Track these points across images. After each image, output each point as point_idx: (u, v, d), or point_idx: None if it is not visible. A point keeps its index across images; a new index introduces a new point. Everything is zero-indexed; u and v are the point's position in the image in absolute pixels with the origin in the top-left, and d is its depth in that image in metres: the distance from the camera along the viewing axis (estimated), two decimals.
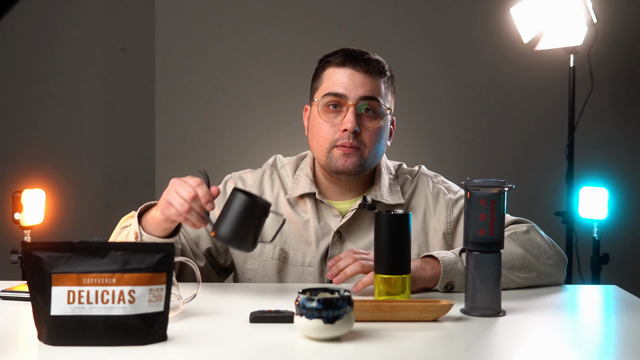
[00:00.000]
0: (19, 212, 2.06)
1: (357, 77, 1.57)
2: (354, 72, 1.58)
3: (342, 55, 1.60)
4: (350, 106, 1.56)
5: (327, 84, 1.60)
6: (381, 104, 1.59)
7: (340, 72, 1.58)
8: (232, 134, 3.38)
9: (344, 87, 1.57)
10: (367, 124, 1.58)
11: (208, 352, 1.08)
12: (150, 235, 1.45)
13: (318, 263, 1.61)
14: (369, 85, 1.58)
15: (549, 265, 1.52)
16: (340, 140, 1.56)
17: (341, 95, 1.57)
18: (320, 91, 1.61)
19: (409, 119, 3.35)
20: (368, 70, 1.58)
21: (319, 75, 1.64)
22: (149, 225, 1.46)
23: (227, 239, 1.32)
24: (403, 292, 1.32)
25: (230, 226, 1.32)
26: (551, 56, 3.11)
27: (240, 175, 1.72)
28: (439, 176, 1.73)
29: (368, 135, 1.57)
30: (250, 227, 1.33)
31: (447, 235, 1.64)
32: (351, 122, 1.54)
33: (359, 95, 1.56)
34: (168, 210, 1.36)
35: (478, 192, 1.27)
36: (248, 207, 1.33)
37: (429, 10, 3.39)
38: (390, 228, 1.32)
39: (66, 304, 1.08)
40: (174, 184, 1.37)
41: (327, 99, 1.58)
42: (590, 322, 1.36)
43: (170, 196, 1.36)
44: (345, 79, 1.57)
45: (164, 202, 1.37)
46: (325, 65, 1.62)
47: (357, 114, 1.56)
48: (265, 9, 3.41)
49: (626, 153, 3.35)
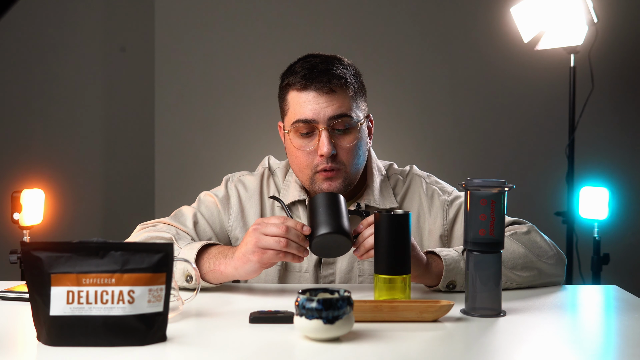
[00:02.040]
0: (18, 212, 2.05)
1: (322, 99, 1.50)
2: (317, 94, 1.50)
3: (302, 78, 1.51)
4: (322, 130, 1.51)
5: (293, 110, 1.53)
6: (352, 117, 1.53)
7: (304, 95, 1.51)
8: (232, 134, 3.38)
9: (311, 111, 1.50)
10: (342, 143, 1.52)
11: (207, 352, 1.08)
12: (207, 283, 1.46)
13: (313, 269, 1.60)
14: (335, 103, 1.51)
15: (549, 264, 1.52)
16: (320, 166, 1.52)
17: (310, 121, 1.51)
18: (288, 117, 1.55)
19: (409, 119, 3.36)
20: (331, 89, 1.50)
21: (283, 98, 1.57)
22: (208, 277, 1.44)
23: (329, 231, 1.34)
24: (403, 292, 1.31)
25: (329, 224, 1.35)
26: (551, 56, 3.10)
27: (239, 178, 1.70)
28: (431, 176, 1.72)
29: (345, 154, 1.53)
30: (340, 216, 1.37)
31: (444, 237, 1.63)
32: (326, 146, 1.50)
33: (327, 116, 1.50)
34: (264, 256, 1.34)
35: (478, 192, 1.27)
36: (331, 198, 1.38)
37: (429, 10, 3.39)
38: (390, 228, 1.31)
39: (65, 304, 1.08)
40: (255, 230, 1.35)
41: (297, 125, 1.53)
42: (591, 322, 1.36)
43: (262, 242, 1.34)
44: (311, 103, 1.51)
45: (256, 251, 1.34)
46: (287, 88, 1.55)
47: (330, 135, 1.51)
48: (265, 9, 3.41)
49: (627, 153, 3.35)
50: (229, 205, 1.65)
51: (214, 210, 1.64)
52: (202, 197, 1.68)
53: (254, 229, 1.36)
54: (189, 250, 1.45)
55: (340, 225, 1.36)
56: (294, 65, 1.57)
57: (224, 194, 1.67)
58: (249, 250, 1.36)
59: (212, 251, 1.45)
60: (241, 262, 1.37)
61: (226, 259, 1.41)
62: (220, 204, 1.65)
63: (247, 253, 1.36)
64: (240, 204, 1.66)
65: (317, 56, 1.57)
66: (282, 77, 1.59)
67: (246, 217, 1.65)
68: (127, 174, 3.48)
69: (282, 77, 1.59)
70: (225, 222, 1.64)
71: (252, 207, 1.65)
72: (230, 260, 1.40)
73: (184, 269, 1.45)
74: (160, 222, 1.60)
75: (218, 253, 1.43)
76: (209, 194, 1.67)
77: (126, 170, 3.48)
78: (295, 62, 1.58)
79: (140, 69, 3.44)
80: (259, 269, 1.38)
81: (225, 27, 3.41)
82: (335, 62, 1.55)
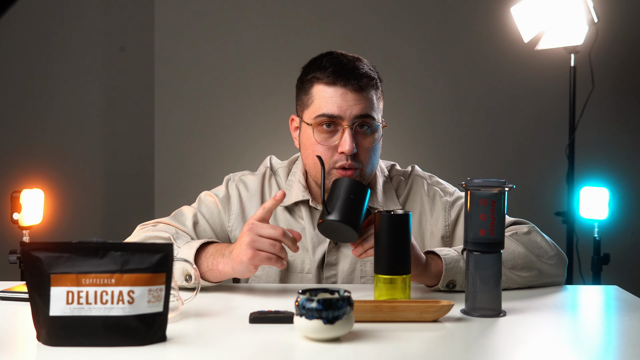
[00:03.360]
0: (17, 212, 2.05)
1: (349, 96, 1.51)
2: (346, 91, 1.51)
3: (332, 73, 1.52)
4: (346, 127, 1.51)
5: (318, 103, 1.53)
6: (376, 119, 1.54)
7: (332, 91, 1.51)
8: (231, 133, 3.38)
9: (338, 107, 1.50)
10: (363, 143, 1.53)
11: (207, 352, 1.08)
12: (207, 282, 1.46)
13: (315, 270, 1.60)
14: (362, 103, 1.51)
15: (550, 265, 1.52)
16: (339, 162, 1.52)
17: (335, 117, 1.51)
18: (311, 110, 1.54)
19: (409, 119, 3.35)
20: (360, 87, 1.51)
21: (307, 91, 1.56)
22: (207, 275, 1.44)
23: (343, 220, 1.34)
24: (403, 292, 1.31)
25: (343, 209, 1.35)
26: (552, 56, 3.10)
27: (240, 177, 1.70)
28: (433, 177, 1.71)
29: (364, 153, 1.53)
30: (360, 210, 1.36)
31: (446, 238, 1.63)
32: (349, 144, 1.50)
33: (353, 115, 1.51)
34: (256, 257, 1.34)
35: (478, 192, 1.26)
36: (358, 189, 1.37)
37: (429, 10, 3.38)
38: (390, 228, 1.31)
39: (65, 305, 1.08)
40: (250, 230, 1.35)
41: (321, 119, 1.52)
42: (591, 322, 1.36)
43: (257, 243, 1.34)
44: (338, 99, 1.51)
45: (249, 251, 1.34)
46: (313, 81, 1.55)
47: (352, 133, 1.51)
48: (265, 9, 3.40)
49: (627, 153, 3.34)
50: (230, 205, 1.65)
51: (214, 210, 1.64)
52: (203, 197, 1.67)
53: (249, 228, 1.35)
54: (187, 249, 1.44)
55: (357, 220, 1.36)
56: (320, 60, 1.57)
57: (224, 193, 1.66)
58: (242, 251, 1.35)
59: (210, 250, 1.44)
60: (236, 262, 1.37)
61: (223, 257, 1.41)
62: (221, 203, 1.65)
63: (240, 253, 1.36)
64: (241, 204, 1.65)
65: (342, 54, 1.58)
66: (306, 70, 1.58)
67: (247, 217, 1.64)
68: (126, 174, 3.48)
69: (305, 70, 1.59)
70: (225, 222, 1.64)
71: (253, 207, 1.65)
72: (227, 259, 1.40)
73: (183, 268, 1.45)
74: (160, 222, 1.60)
75: (215, 252, 1.43)
76: (209, 194, 1.67)
77: (126, 170, 3.48)
78: (320, 57, 1.58)
79: (140, 69, 3.44)
80: (252, 270, 1.38)
81: (225, 27, 3.40)
82: (362, 62, 1.57)
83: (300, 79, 1.60)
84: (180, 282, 1.45)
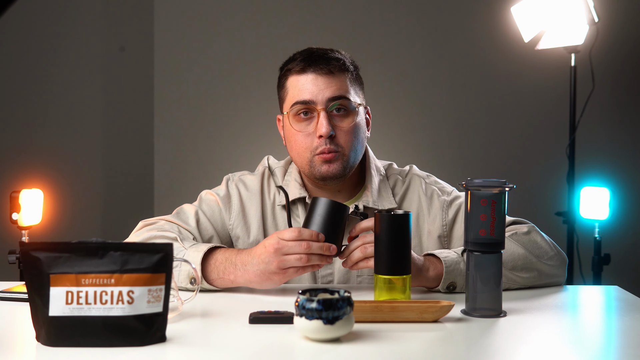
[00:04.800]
0: (16, 212, 2.05)
1: (320, 80, 1.54)
2: (316, 75, 1.54)
3: (301, 61, 1.56)
4: (321, 110, 1.53)
5: (292, 93, 1.56)
6: (351, 100, 1.56)
7: (303, 78, 1.55)
8: (231, 133, 3.38)
9: (310, 92, 1.54)
10: (340, 125, 1.55)
11: (207, 353, 1.08)
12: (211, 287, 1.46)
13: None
14: (334, 85, 1.54)
15: (550, 265, 1.51)
16: (319, 148, 1.53)
17: (309, 102, 1.54)
18: (287, 101, 1.58)
19: (409, 119, 3.35)
20: (330, 71, 1.54)
21: (283, 85, 1.61)
22: (216, 283, 1.45)
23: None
24: (403, 292, 1.31)
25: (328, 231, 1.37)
26: (552, 55, 3.10)
27: (240, 177, 1.70)
28: (431, 176, 1.71)
29: (344, 136, 1.55)
30: (340, 231, 1.39)
31: (443, 238, 1.63)
32: (325, 127, 1.52)
33: (326, 98, 1.53)
34: (287, 274, 1.36)
35: (479, 192, 1.26)
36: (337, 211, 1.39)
37: (429, 10, 3.38)
38: (390, 228, 1.31)
39: (64, 305, 1.07)
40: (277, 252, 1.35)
41: (296, 107, 1.55)
42: (592, 322, 1.36)
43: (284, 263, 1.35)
44: (309, 84, 1.54)
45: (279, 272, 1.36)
46: (286, 74, 1.59)
47: (328, 117, 1.53)
48: (264, 9, 3.40)
49: (627, 153, 3.34)
50: (230, 204, 1.65)
51: (216, 209, 1.64)
52: (204, 196, 1.68)
53: (275, 249, 1.35)
54: (194, 253, 1.44)
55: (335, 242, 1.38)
56: (293, 55, 1.62)
57: (225, 192, 1.67)
58: (271, 271, 1.36)
59: (218, 257, 1.44)
60: (260, 278, 1.38)
61: (236, 269, 1.41)
62: (222, 202, 1.65)
63: (269, 273, 1.37)
64: (241, 203, 1.65)
65: (315, 48, 1.62)
66: (281, 68, 1.63)
67: (247, 217, 1.64)
68: (126, 174, 3.48)
69: (281, 68, 1.63)
70: (226, 220, 1.64)
71: (253, 207, 1.65)
72: (242, 273, 1.40)
73: (189, 271, 1.44)
74: (163, 220, 1.60)
75: (225, 260, 1.43)
76: (210, 193, 1.68)
77: (125, 170, 3.48)
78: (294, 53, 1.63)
79: (140, 69, 3.44)
80: (279, 284, 1.41)
81: (225, 27, 3.40)
82: (333, 50, 1.61)
83: (278, 78, 1.64)
84: (185, 284, 1.45)
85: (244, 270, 1.39)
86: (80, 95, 3.45)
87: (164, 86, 3.41)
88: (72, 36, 3.42)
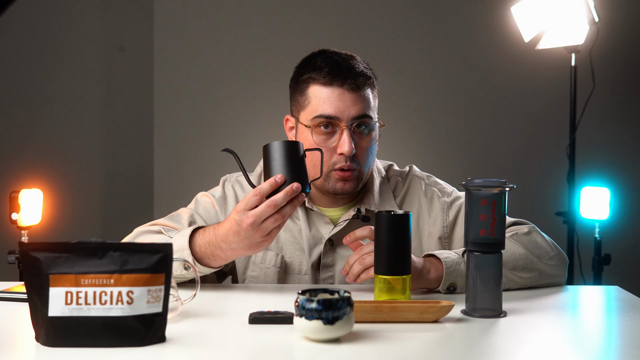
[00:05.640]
0: (16, 212, 2.05)
1: (347, 96, 1.50)
2: (343, 91, 1.50)
3: (328, 73, 1.51)
4: (345, 128, 1.50)
5: (315, 104, 1.52)
6: (372, 118, 1.54)
7: (328, 91, 1.51)
8: (231, 133, 3.37)
9: (335, 108, 1.50)
10: (361, 143, 1.53)
11: (207, 353, 1.08)
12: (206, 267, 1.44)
13: (311, 271, 1.59)
14: (360, 103, 1.51)
15: (550, 265, 1.51)
16: (338, 164, 1.52)
17: (333, 118, 1.51)
18: (308, 111, 1.54)
19: (409, 119, 3.35)
20: (357, 87, 1.51)
21: (302, 92, 1.55)
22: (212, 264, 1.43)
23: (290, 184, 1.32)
24: (403, 293, 1.31)
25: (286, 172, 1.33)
26: (552, 55, 3.10)
27: (237, 178, 1.69)
28: (431, 177, 1.71)
29: (362, 153, 1.53)
30: (301, 166, 1.34)
31: (444, 239, 1.62)
32: (348, 145, 1.49)
33: (351, 116, 1.50)
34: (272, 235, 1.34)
35: (479, 192, 1.26)
36: (288, 149, 1.34)
37: (429, 9, 3.38)
38: (390, 228, 1.31)
39: (64, 305, 1.07)
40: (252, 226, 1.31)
41: (318, 121, 1.52)
42: (592, 323, 1.35)
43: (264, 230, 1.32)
44: (335, 100, 1.50)
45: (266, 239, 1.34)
46: (309, 81, 1.54)
47: (350, 134, 1.50)
48: (264, 8, 3.40)
49: (628, 153, 3.34)
50: (226, 206, 1.65)
51: (211, 211, 1.64)
52: (199, 198, 1.67)
53: (249, 224, 1.31)
54: (180, 237, 1.43)
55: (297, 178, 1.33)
56: (314, 60, 1.56)
57: (220, 194, 1.66)
58: (257, 241, 1.34)
59: (200, 242, 1.42)
60: (250, 250, 1.37)
61: (223, 250, 1.39)
62: (217, 204, 1.64)
63: (256, 243, 1.34)
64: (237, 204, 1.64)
65: (335, 52, 1.57)
66: (300, 70, 1.57)
67: None
68: (125, 174, 3.48)
69: (299, 70, 1.58)
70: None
71: None
72: (231, 252, 1.38)
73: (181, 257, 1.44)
74: (156, 224, 1.59)
75: (208, 244, 1.40)
76: (206, 195, 1.67)
77: (125, 170, 3.47)
78: (313, 56, 1.57)
79: (139, 69, 3.44)
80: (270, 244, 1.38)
81: (224, 27, 3.40)
82: (356, 60, 1.56)
83: (294, 79, 1.59)
84: (180, 271, 1.44)
85: (231, 250, 1.38)
86: (79, 95, 3.44)
87: (164, 86, 3.40)
88: (71, 36, 3.42)
